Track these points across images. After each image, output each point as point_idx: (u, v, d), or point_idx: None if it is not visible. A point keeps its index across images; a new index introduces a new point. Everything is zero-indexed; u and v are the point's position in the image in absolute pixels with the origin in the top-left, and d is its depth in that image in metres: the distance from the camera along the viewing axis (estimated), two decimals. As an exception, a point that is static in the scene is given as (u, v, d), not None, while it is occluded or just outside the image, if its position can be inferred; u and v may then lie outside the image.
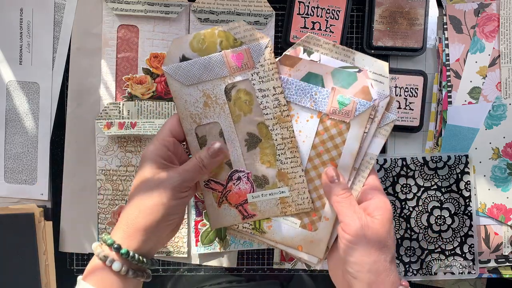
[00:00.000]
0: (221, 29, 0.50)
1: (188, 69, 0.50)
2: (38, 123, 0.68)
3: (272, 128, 0.50)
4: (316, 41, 0.51)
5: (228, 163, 0.52)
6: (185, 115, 0.51)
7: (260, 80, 0.50)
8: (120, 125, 0.66)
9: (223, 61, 0.50)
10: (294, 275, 0.72)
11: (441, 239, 0.68)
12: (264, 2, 0.66)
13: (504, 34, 0.68)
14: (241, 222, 0.53)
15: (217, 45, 0.50)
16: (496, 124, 0.68)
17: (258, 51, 0.49)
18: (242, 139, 0.51)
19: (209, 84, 0.50)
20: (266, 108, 0.50)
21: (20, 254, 0.67)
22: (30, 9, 0.67)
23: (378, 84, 0.50)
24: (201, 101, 0.50)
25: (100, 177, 0.68)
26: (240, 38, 0.50)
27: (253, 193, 0.52)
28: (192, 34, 0.50)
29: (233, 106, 0.50)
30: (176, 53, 0.50)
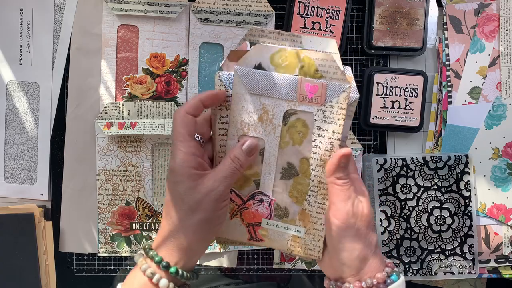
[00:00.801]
0: (308, 55, 0.48)
1: (260, 79, 0.48)
2: (38, 123, 0.68)
3: (314, 168, 0.49)
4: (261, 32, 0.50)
5: (256, 181, 0.50)
6: (236, 120, 0.49)
7: (323, 119, 0.48)
8: (120, 125, 0.66)
9: (296, 86, 0.48)
10: (292, 276, 0.72)
11: (441, 239, 0.68)
12: (264, 2, 0.66)
13: (504, 34, 0.68)
14: (245, 241, 0.51)
15: (296, 68, 0.48)
16: (496, 124, 0.68)
17: (334, 91, 0.47)
18: (280, 166, 0.50)
19: (272, 101, 0.48)
20: (316, 147, 0.48)
21: (20, 254, 0.67)
22: (30, 9, 0.67)
23: None
24: (257, 114, 0.49)
25: (100, 177, 0.68)
26: (322, 71, 0.48)
27: (269, 219, 0.51)
28: (277, 47, 0.48)
29: (286, 131, 0.49)
30: (254, 58, 0.48)
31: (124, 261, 0.70)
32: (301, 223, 0.50)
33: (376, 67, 0.69)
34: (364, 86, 0.68)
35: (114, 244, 0.68)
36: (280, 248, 0.51)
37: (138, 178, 0.68)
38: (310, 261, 0.69)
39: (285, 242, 0.50)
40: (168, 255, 0.46)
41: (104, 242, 0.68)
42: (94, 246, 0.69)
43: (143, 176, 0.68)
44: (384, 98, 0.67)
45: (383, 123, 0.67)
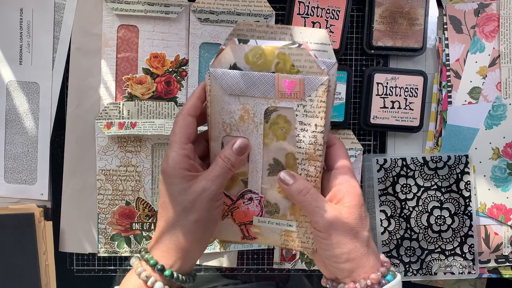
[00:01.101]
0: (282, 50, 0.47)
1: (236, 79, 0.48)
2: (38, 123, 0.68)
3: (300, 162, 0.49)
4: (249, 27, 0.49)
5: (244, 181, 0.50)
6: (217, 121, 0.49)
7: (304, 114, 0.48)
8: (120, 125, 0.66)
9: (273, 83, 0.47)
10: (291, 276, 0.72)
11: (441, 239, 0.68)
12: (264, 2, 0.66)
13: (504, 34, 0.68)
14: (239, 240, 0.51)
15: (272, 64, 0.48)
16: (496, 124, 0.68)
17: (312, 85, 0.47)
18: (266, 162, 0.50)
19: (251, 100, 0.48)
20: (300, 142, 0.48)
21: (20, 254, 0.67)
22: (30, 9, 0.67)
23: (322, 53, 0.48)
24: (238, 114, 0.49)
25: (100, 177, 0.68)
26: (299, 66, 0.47)
27: (260, 217, 0.51)
28: (251, 46, 0.48)
29: (268, 129, 0.49)
30: (228, 58, 0.48)
31: (124, 261, 0.70)
32: (292, 218, 0.50)
33: (376, 67, 0.69)
34: (364, 86, 0.68)
35: (114, 244, 0.68)
36: (274, 243, 0.51)
37: (138, 178, 0.68)
38: (310, 261, 0.69)
39: (279, 238, 0.51)
40: (164, 257, 0.45)
41: (104, 242, 0.68)
42: (94, 246, 0.69)
43: (143, 176, 0.68)
44: (384, 98, 0.67)
45: (383, 123, 0.67)
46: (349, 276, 0.45)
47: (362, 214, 0.47)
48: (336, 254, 0.45)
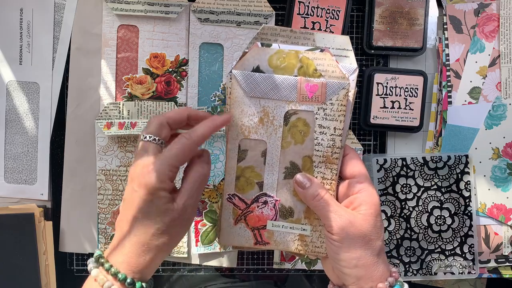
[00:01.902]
0: (305, 55, 0.48)
1: (258, 82, 0.48)
2: (38, 123, 0.68)
3: (317, 165, 0.49)
4: (273, 31, 0.50)
5: (259, 184, 0.50)
6: (236, 123, 0.49)
7: (324, 117, 0.49)
8: (120, 125, 0.66)
9: (296, 86, 0.48)
10: (289, 275, 0.72)
11: (441, 239, 0.68)
12: (264, 2, 0.66)
13: (504, 34, 0.68)
14: (252, 246, 0.51)
15: (295, 68, 0.48)
16: (496, 124, 0.68)
17: (334, 89, 0.48)
18: (283, 166, 0.50)
19: (272, 103, 0.49)
20: (319, 145, 0.49)
21: (20, 254, 0.67)
22: (30, 9, 0.67)
23: (343, 58, 0.50)
24: (258, 116, 0.49)
25: (100, 177, 0.68)
26: (321, 70, 0.48)
27: (274, 221, 0.50)
28: (274, 49, 0.48)
29: (287, 132, 0.49)
30: (251, 61, 0.48)
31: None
32: (306, 221, 0.50)
33: (376, 67, 0.69)
34: (364, 86, 0.68)
35: (114, 244, 0.68)
36: (286, 249, 0.51)
37: (138, 178, 0.68)
38: (310, 261, 0.69)
39: (292, 243, 0.50)
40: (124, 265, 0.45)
41: (104, 242, 0.68)
42: (94, 246, 0.69)
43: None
44: (384, 98, 0.67)
45: (383, 123, 0.67)
46: (356, 283, 0.45)
47: (378, 223, 0.47)
48: (346, 258, 0.46)
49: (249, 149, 0.50)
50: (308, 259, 0.69)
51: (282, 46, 0.49)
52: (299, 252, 0.51)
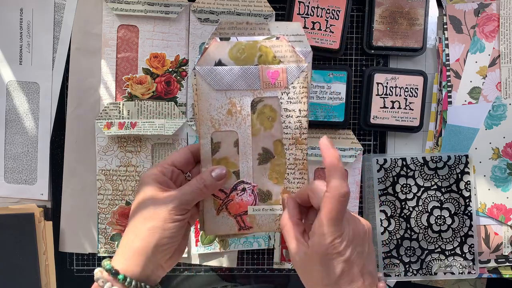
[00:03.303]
0: (263, 44, 0.51)
1: (222, 75, 0.50)
2: (38, 123, 0.68)
3: (288, 147, 0.52)
4: (230, 25, 0.53)
5: (235, 173, 0.52)
6: (206, 118, 0.51)
7: (288, 101, 0.51)
8: (120, 125, 0.66)
9: (258, 74, 0.51)
10: (290, 279, 0.72)
11: (441, 239, 0.68)
12: (264, 2, 0.66)
13: (504, 34, 0.68)
14: (236, 232, 0.53)
15: (255, 58, 0.51)
16: (496, 124, 0.68)
17: (294, 73, 0.51)
18: (256, 152, 0.52)
19: (238, 94, 0.51)
20: (287, 128, 0.51)
21: (20, 254, 0.67)
22: (30, 9, 0.67)
23: (298, 43, 0.52)
24: (226, 108, 0.51)
25: (100, 177, 0.68)
26: (280, 57, 0.51)
27: (254, 206, 0.52)
28: (233, 42, 0.51)
29: (256, 119, 0.51)
30: (213, 56, 0.51)
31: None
32: None
33: (376, 67, 0.69)
34: (364, 86, 0.68)
35: (114, 244, 0.68)
36: (269, 230, 0.53)
37: (138, 178, 0.68)
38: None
39: (274, 223, 0.53)
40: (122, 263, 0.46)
41: (104, 242, 0.68)
42: (94, 246, 0.69)
43: (143, 176, 0.68)
44: (384, 98, 0.67)
45: (383, 123, 0.67)
46: None
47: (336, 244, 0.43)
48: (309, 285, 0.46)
49: (221, 141, 0.52)
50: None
51: (240, 38, 0.51)
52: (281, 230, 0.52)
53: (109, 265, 0.46)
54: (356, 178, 0.69)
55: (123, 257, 0.46)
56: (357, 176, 0.69)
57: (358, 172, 0.69)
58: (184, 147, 0.53)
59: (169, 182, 0.49)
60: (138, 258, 0.46)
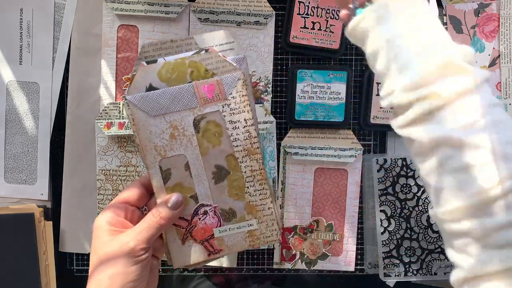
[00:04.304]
0: (192, 59, 0.48)
1: (155, 99, 0.48)
2: (38, 123, 0.68)
3: (242, 160, 0.49)
4: (154, 46, 0.50)
5: (193, 197, 0.50)
6: (149, 147, 0.49)
7: (231, 112, 0.49)
8: (120, 125, 0.66)
9: (193, 92, 0.48)
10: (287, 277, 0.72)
11: (441, 239, 0.68)
12: (264, 2, 0.66)
13: (504, 34, 0.68)
14: (206, 258, 0.51)
15: (187, 75, 0.48)
16: (496, 124, 0.68)
17: (230, 83, 0.48)
18: (209, 172, 0.50)
19: (177, 115, 0.48)
20: (236, 140, 0.49)
21: (20, 254, 0.67)
22: (30, 9, 0.67)
23: (229, 52, 0.50)
24: (167, 133, 0.49)
25: (100, 177, 0.68)
26: (212, 69, 0.49)
27: (220, 227, 0.50)
28: (160, 63, 0.48)
29: (201, 138, 0.49)
30: (142, 82, 0.48)
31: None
32: (250, 216, 0.50)
33: (376, 67, 0.69)
34: (364, 86, 0.68)
35: (114, 244, 0.68)
36: (241, 249, 0.51)
37: (138, 178, 0.68)
38: (310, 261, 0.69)
39: (244, 242, 0.51)
40: None
41: (104, 242, 0.68)
42: (94, 246, 0.69)
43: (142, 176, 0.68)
44: (384, 98, 0.67)
45: (383, 123, 0.67)
46: None
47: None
48: None
49: (171, 167, 0.49)
50: (307, 259, 0.69)
51: (168, 58, 0.49)
52: (253, 247, 0.51)
53: None
54: (356, 178, 0.69)
55: None
56: (357, 176, 0.69)
57: (358, 172, 0.69)
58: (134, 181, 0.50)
59: (124, 222, 0.47)
60: None
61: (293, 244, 0.69)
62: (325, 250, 0.69)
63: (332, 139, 0.68)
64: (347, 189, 0.69)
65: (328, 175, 0.69)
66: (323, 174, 0.69)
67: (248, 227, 0.50)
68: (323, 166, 0.69)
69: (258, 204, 0.50)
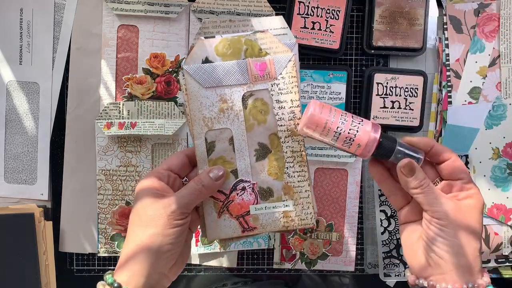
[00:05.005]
0: (247, 37, 0.50)
1: (210, 72, 0.50)
2: (38, 123, 0.68)
3: (284, 140, 0.50)
4: (214, 23, 0.53)
5: (233, 172, 0.51)
6: (198, 117, 0.50)
7: (279, 92, 0.50)
8: (120, 125, 0.66)
9: (246, 68, 0.50)
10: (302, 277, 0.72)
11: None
12: (264, 2, 0.66)
13: (504, 34, 0.68)
14: (240, 234, 0.51)
15: (242, 52, 0.50)
16: (496, 124, 0.68)
17: (281, 63, 0.50)
18: (252, 148, 0.51)
19: (228, 90, 0.50)
20: (281, 120, 0.50)
21: (20, 254, 0.67)
22: (30, 9, 0.67)
23: (282, 36, 0.52)
24: (217, 106, 0.50)
25: (100, 177, 0.68)
26: (266, 49, 0.50)
27: (256, 204, 0.51)
28: (218, 38, 0.50)
29: (248, 114, 0.50)
30: (199, 54, 0.50)
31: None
32: (287, 197, 0.51)
33: (376, 67, 0.69)
34: (364, 86, 0.68)
35: (114, 244, 0.68)
36: (275, 229, 0.51)
37: (138, 178, 0.68)
38: (310, 261, 0.69)
39: (278, 222, 0.51)
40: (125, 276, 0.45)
41: (104, 242, 0.68)
42: (94, 246, 0.69)
43: (143, 176, 0.68)
44: (384, 98, 0.67)
45: (383, 123, 0.67)
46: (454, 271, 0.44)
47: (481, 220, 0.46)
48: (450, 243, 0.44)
49: (216, 140, 0.50)
50: (307, 258, 0.69)
51: (225, 35, 0.51)
52: (287, 228, 0.51)
53: (111, 278, 0.44)
54: (356, 178, 0.69)
55: (126, 268, 0.45)
56: (357, 176, 0.69)
57: (358, 172, 0.69)
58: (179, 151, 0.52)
59: (166, 187, 0.48)
60: (140, 268, 0.45)
61: (293, 244, 0.69)
62: (325, 250, 0.69)
63: (332, 139, 0.68)
64: (347, 189, 0.69)
65: (328, 175, 0.69)
66: (323, 174, 0.69)
67: (284, 207, 0.51)
68: (323, 166, 0.69)
69: (295, 186, 0.51)
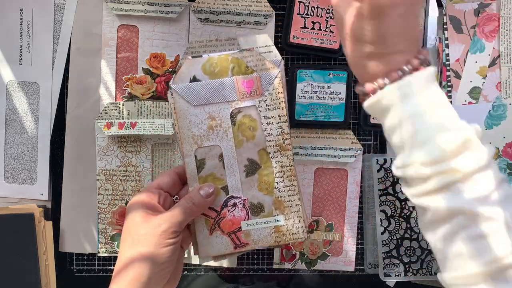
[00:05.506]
0: (234, 56, 0.52)
1: (198, 90, 0.51)
2: (38, 123, 0.68)
3: (273, 155, 0.52)
4: (200, 43, 0.55)
5: (224, 189, 0.52)
6: (187, 135, 0.51)
7: (266, 108, 0.52)
8: (120, 125, 0.66)
9: (233, 86, 0.51)
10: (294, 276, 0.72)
11: (441, 239, 0.68)
12: (264, 2, 0.66)
13: (504, 34, 0.68)
14: (232, 251, 0.52)
15: (229, 70, 0.52)
16: (496, 124, 0.68)
17: (268, 80, 0.52)
18: (242, 164, 0.52)
19: (216, 107, 0.51)
20: (269, 135, 0.51)
21: (20, 254, 0.67)
22: (30, 9, 0.67)
23: (268, 54, 0.54)
24: (206, 123, 0.51)
25: (100, 177, 0.68)
26: (252, 66, 0.52)
27: (247, 220, 0.52)
28: (205, 58, 0.52)
29: (237, 131, 0.51)
30: (187, 73, 0.51)
31: (124, 261, 0.70)
32: (278, 212, 0.52)
33: (376, 67, 0.69)
34: (364, 86, 0.68)
35: (114, 244, 0.68)
36: (266, 245, 0.52)
37: (138, 178, 0.68)
38: (310, 261, 0.69)
39: (270, 237, 0.52)
40: None
41: (104, 242, 0.68)
42: (94, 246, 0.69)
43: (143, 176, 0.68)
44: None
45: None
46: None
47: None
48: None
49: (205, 157, 0.51)
50: (307, 258, 0.69)
51: (212, 54, 0.52)
52: (279, 243, 0.52)
53: None
54: (356, 178, 0.69)
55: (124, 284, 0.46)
56: (357, 176, 0.69)
57: (358, 172, 0.69)
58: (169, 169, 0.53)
59: (157, 206, 0.48)
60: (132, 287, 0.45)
61: (293, 244, 0.69)
62: (325, 250, 0.69)
63: (332, 139, 0.68)
64: (347, 189, 0.69)
65: (328, 175, 0.69)
66: (323, 174, 0.69)
67: (275, 222, 0.52)
68: (323, 166, 0.69)
69: (286, 200, 0.52)
